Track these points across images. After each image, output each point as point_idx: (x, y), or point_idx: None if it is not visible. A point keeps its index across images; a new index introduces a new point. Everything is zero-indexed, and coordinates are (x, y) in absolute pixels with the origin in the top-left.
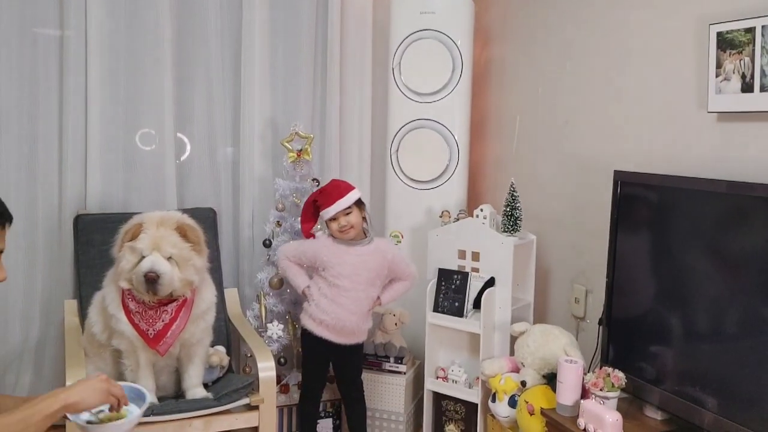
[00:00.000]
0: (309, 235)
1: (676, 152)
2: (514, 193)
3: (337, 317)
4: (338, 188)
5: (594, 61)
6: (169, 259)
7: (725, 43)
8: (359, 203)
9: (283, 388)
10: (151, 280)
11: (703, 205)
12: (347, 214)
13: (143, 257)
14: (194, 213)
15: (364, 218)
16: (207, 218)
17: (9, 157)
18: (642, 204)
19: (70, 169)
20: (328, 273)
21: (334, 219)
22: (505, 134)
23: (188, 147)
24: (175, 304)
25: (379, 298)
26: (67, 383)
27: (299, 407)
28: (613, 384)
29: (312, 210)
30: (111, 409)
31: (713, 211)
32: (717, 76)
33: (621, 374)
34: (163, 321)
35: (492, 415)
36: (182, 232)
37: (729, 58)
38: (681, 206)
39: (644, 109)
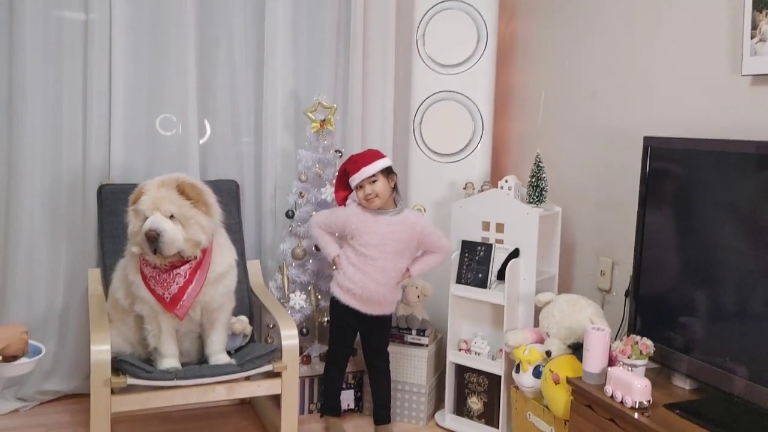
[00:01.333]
0: (342, 203)
1: (708, 118)
2: (540, 164)
3: (363, 286)
4: (366, 156)
5: (622, 29)
6: (172, 218)
7: (761, 2)
8: (388, 172)
9: (305, 359)
10: (152, 238)
11: (737, 170)
12: (373, 182)
13: (146, 219)
14: (217, 185)
15: (394, 188)
16: (230, 190)
17: (35, 129)
18: (672, 171)
19: (94, 140)
20: (356, 241)
21: (360, 187)
22: (529, 108)
23: (211, 119)
24: (188, 266)
25: (408, 270)
26: (92, 349)
27: (324, 375)
28: (641, 351)
29: (345, 179)
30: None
31: (748, 176)
32: (752, 37)
33: (649, 342)
34: (177, 284)
35: (516, 387)
36: (181, 189)
37: (765, 19)
38: (713, 172)
39: (674, 75)
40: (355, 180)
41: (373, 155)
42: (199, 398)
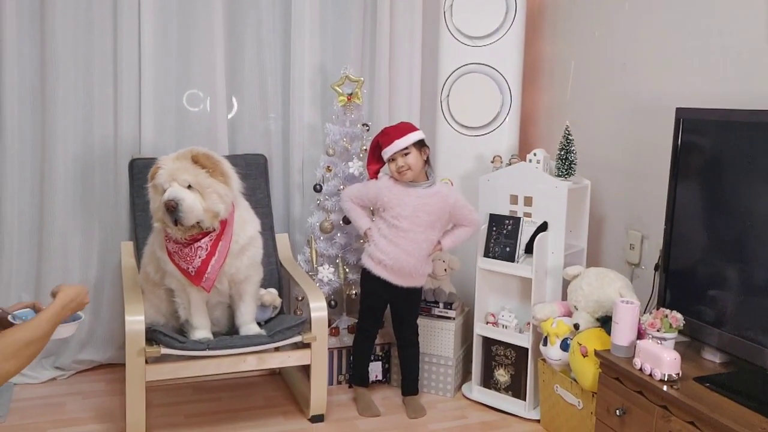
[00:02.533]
0: (374, 177)
1: (742, 89)
2: (569, 137)
3: (395, 258)
4: (399, 129)
5: None
6: (189, 188)
7: None
8: (421, 145)
9: (333, 331)
10: (171, 208)
11: None
12: (405, 155)
13: (164, 191)
14: (245, 159)
15: (426, 161)
16: (258, 164)
17: (66, 103)
18: (704, 143)
19: (125, 114)
20: (387, 214)
21: (392, 159)
22: (558, 80)
23: (239, 94)
24: (208, 239)
25: (440, 242)
26: (126, 319)
27: (353, 346)
28: (671, 325)
29: (377, 152)
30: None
31: None
32: None
33: (679, 315)
34: (200, 257)
35: (543, 360)
36: (195, 159)
37: None
38: (746, 144)
39: (707, 45)
40: (387, 152)
41: (406, 128)
42: (231, 368)
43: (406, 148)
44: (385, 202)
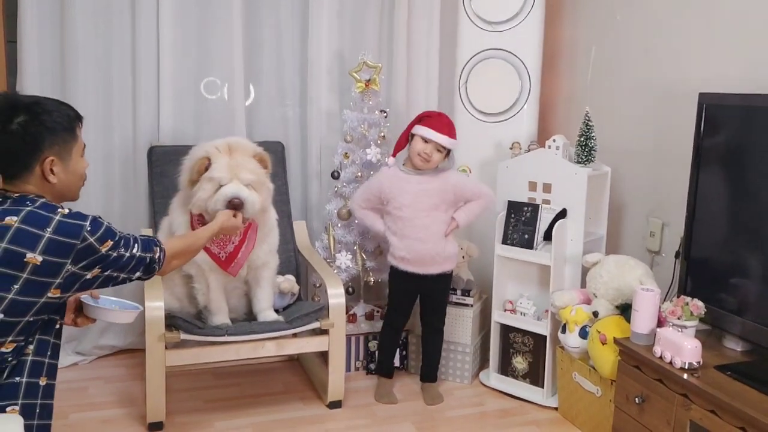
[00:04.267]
0: (395, 153)
1: (766, 74)
2: (589, 123)
3: (410, 249)
4: (451, 127)
5: None
6: (248, 186)
7: None
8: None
9: (351, 318)
10: (236, 206)
11: None
12: (438, 150)
13: (221, 186)
14: (263, 146)
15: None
16: (275, 152)
17: (86, 91)
18: (728, 129)
19: (144, 102)
20: (391, 206)
21: (426, 140)
22: (578, 65)
23: (257, 82)
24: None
25: (454, 219)
26: (146, 305)
27: (380, 337)
28: (691, 313)
29: (410, 131)
30: None
31: None
32: None
33: (700, 303)
34: (233, 243)
35: (561, 347)
36: (260, 159)
37: None
38: None
39: (731, 30)
40: (426, 134)
41: (455, 130)
42: (250, 354)
43: (443, 147)
44: (387, 194)
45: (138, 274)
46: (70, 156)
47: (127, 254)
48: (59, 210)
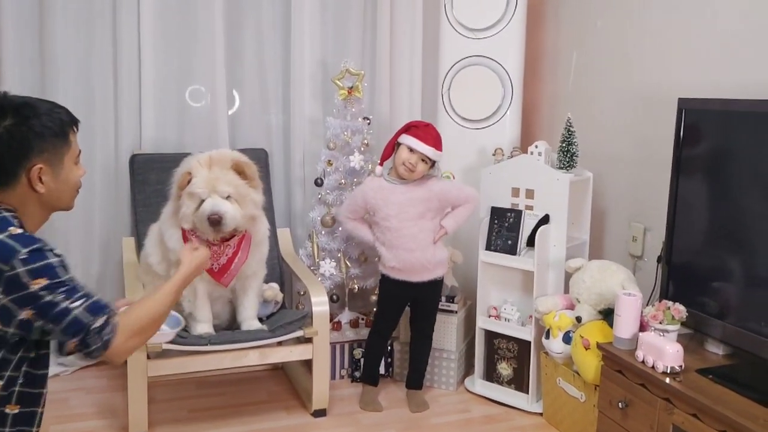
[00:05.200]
0: (383, 162)
1: (745, 79)
2: (571, 128)
3: (399, 259)
4: (437, 139)
5: None
6: (228, 198)
7: None
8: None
9: (336, 326)
10: (215, 222)
11: None
12: (422, 160)
13: (202, 201)
14: (246, 154)
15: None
16: (259, 159)
17: (66, 98)
18: (707, 134)
19: (125, 110)
20: (377, 216)
21: (410, 150)
22: (560, 71)
23: (240, 89)
24: (236, 237)
25: (442, 226)
26: None
27: (367, 344)
28: (673, 317)
29: (396, 139)
30: None
31: None
32: None
33: (682, 307)
34: (226, 255)
35: (545, 353)
36: (238, 169)
37: None
38: (750, 134)
39: (712, 34)
40: (414, 144)
41: (440, 142)
42: (233, 363)
43: (428, 158)
44: (372, 204)
45: (73, 341)
46: (62, 164)
47: (63, 305)
48: (10, 228)
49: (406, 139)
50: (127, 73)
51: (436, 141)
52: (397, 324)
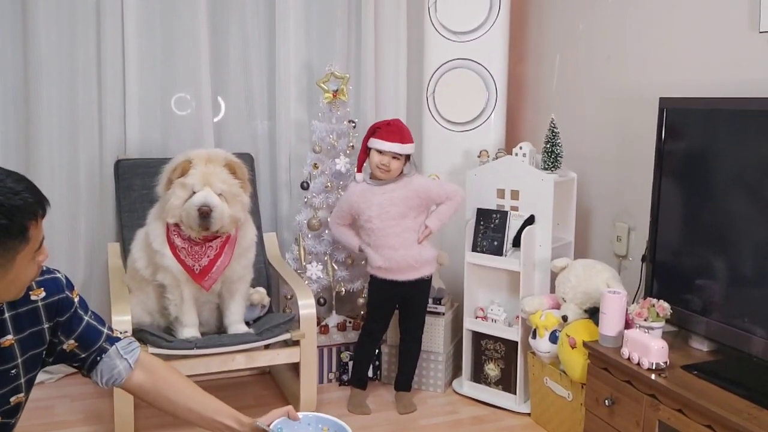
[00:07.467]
0: (360, 168)
1: (726, 78)
2: (555, 129)
3: (385, 258)
4: (402, 133)
5: None
6: (219, 195)
7: None
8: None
9: (323, 329)
10: (205, 214)
11: (756, 130)
12: (394, 158)
13: (194, 193)
14: None
15: (407, 159)
16: (245, 164)
17: (50, 104)
18: (689, 133)
19: (110, 116)
20: (361, 219)
21: (381, 152)
22: (544, 73)
23: (225, 93)
24: (219, 240)
25: (427, 226)
26: (113, 320)
27: (356, 347)
28: (657, 314)
29: (366, 144)
30: None
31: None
32: None
33: (666, 304)
34: (208, 257)
35: (532, 352)
36: (231, 169)
37: None
38: (732, 132)
39: (690, 34)
40: (382, 145)
41: (408, 135)
42: (220, 367)
43: (399, 154)
44: (355, 209)
45: None
46: (12, 265)
47: None
48: None
49: (374, 143)
50: (112, 78)
51: (402, 136)
52: (387, 326)
